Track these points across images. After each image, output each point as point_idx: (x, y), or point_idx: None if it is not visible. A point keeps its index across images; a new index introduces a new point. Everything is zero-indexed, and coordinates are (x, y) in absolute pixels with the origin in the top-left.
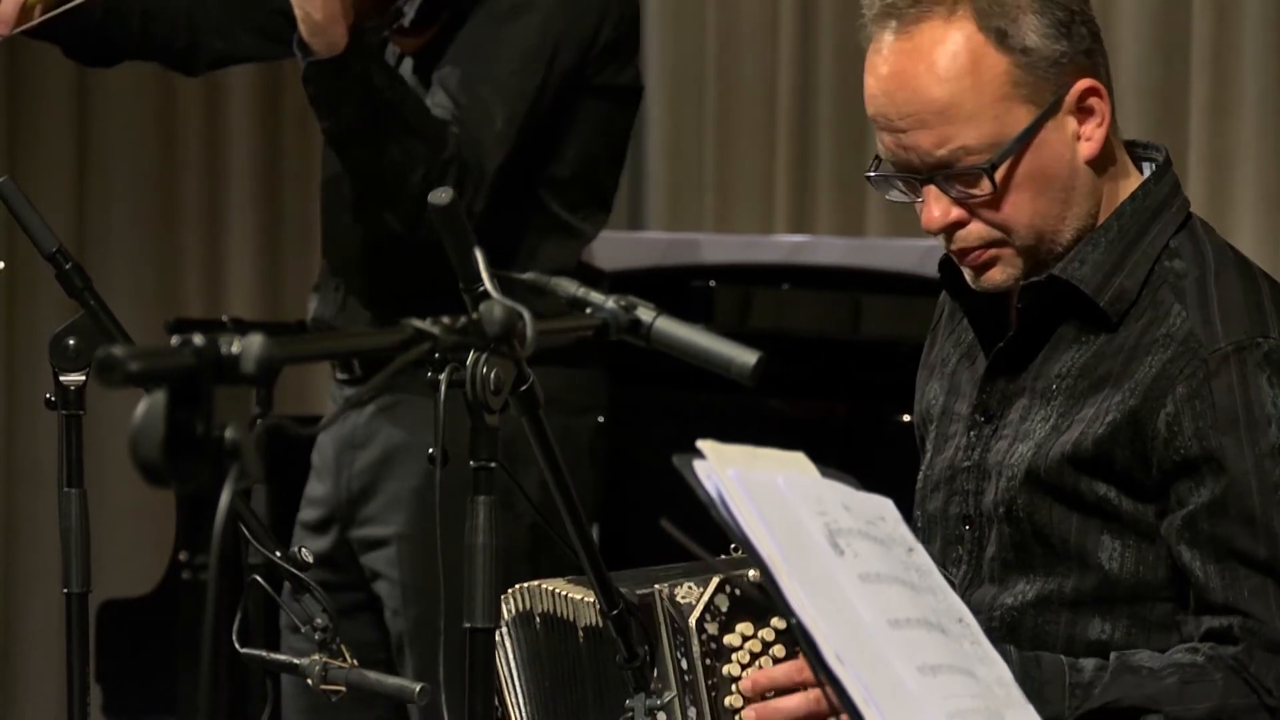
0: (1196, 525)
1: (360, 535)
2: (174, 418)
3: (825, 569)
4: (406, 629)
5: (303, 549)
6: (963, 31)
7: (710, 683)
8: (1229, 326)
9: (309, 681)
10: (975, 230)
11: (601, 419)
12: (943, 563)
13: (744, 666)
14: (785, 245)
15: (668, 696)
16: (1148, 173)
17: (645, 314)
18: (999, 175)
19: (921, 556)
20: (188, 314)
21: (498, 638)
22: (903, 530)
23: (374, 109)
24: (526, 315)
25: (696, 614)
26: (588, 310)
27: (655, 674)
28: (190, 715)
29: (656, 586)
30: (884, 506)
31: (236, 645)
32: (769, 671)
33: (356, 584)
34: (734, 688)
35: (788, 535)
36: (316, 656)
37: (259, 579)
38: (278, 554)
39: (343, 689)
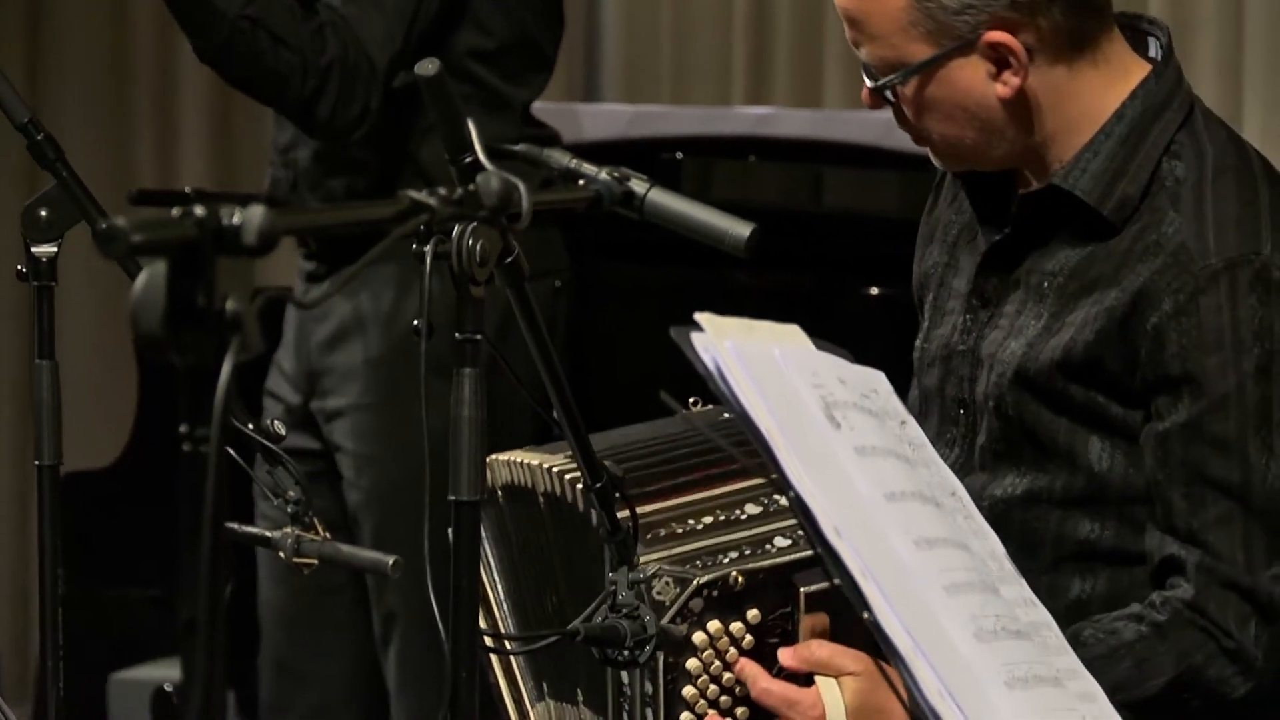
0: (1169, 445)
1: (321, 406)
2: (175, 289)
3: (822, 442)
4: (359, 500)
5: (275, 420)
6: None
7: (670, 677)
8: (1221, 241)
9: (280, 555)
10: (902, 122)
11: (559, 283)
12: (938, 441)
13: (706, 664)
14: (749, 117)
15: (651, 570)
16: (1153, 50)
17: (638, 186)
18: (902, 94)
19: (914, 429)
20: (140, 185)
21: None
22: (895, 403)
23: (233, 27)
24: (522, 187)
25: (668, 617)
26: (580, 182)
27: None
28: (184, 586)
29: (640, 558)
30: (876, 379)
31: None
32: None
33: (322, 454)
34: (694, 680)
35: (785, 408)
36: (289, 529)
37: (229, 450)
38: (250, 425)
39: (315, 562)
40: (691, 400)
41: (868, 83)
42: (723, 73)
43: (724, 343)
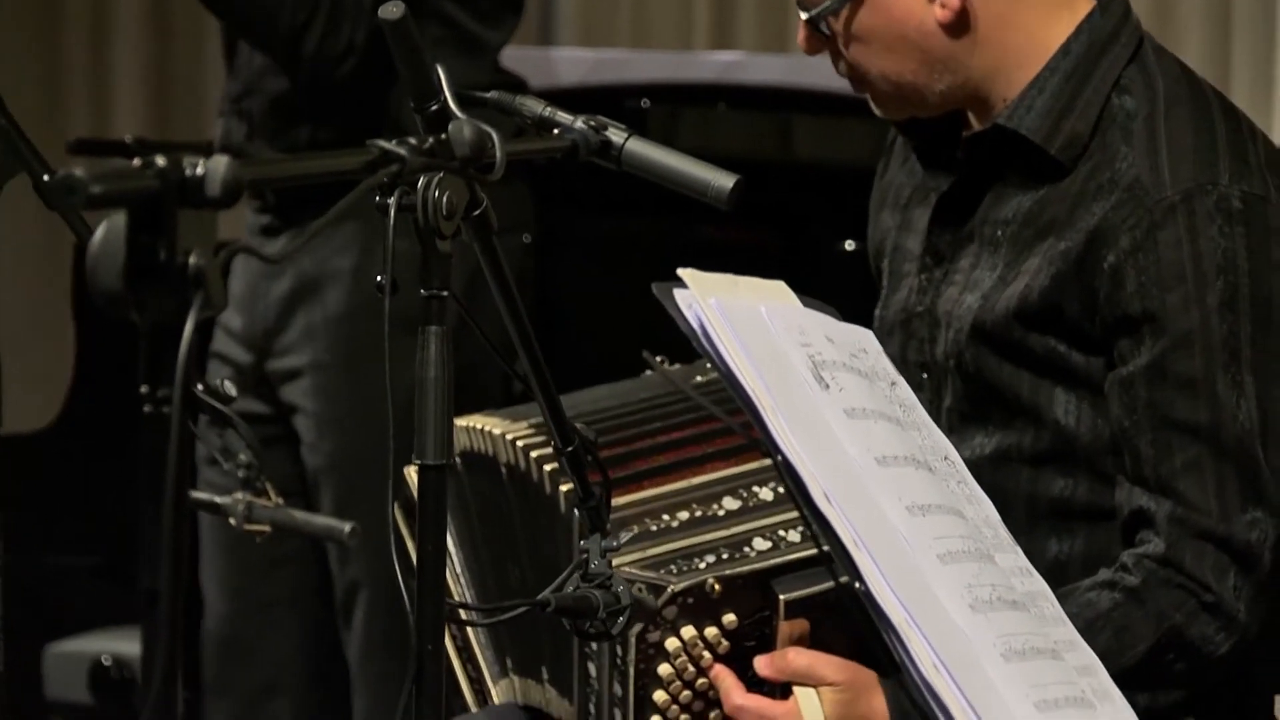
0: (1133, 389)
1: (278, 366)
2: (135, 243)
3: (810, 403)
4: (321, 463)
5: (225, 380)
6: None
7: (640, 684)
8: (1177, 173)
9: (231, 521)
10: (840, 66)
11: (528, 238)
12: None
13: (679, 671)
14: (718, 63)
15: (625, 536)
16: None
17: (616, 135)
18: (837, 27)
19: (904, 390)
20: (72, 134)
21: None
22: (884, 363)
23: None
24: (496, 136)
25: (640, 625)
26: (555, 131)
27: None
28: (145, 556)
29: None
30: (865, 338)
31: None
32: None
33: (275, 417)
34: (665, 686)
35: (772, 368)
36: (239, 495)
37: (183, 412)
38: (199, 386)
39: (267, 529)
40: (659, 359)
41: (802, 16)
42: (684, 15)
43: (708, 299)
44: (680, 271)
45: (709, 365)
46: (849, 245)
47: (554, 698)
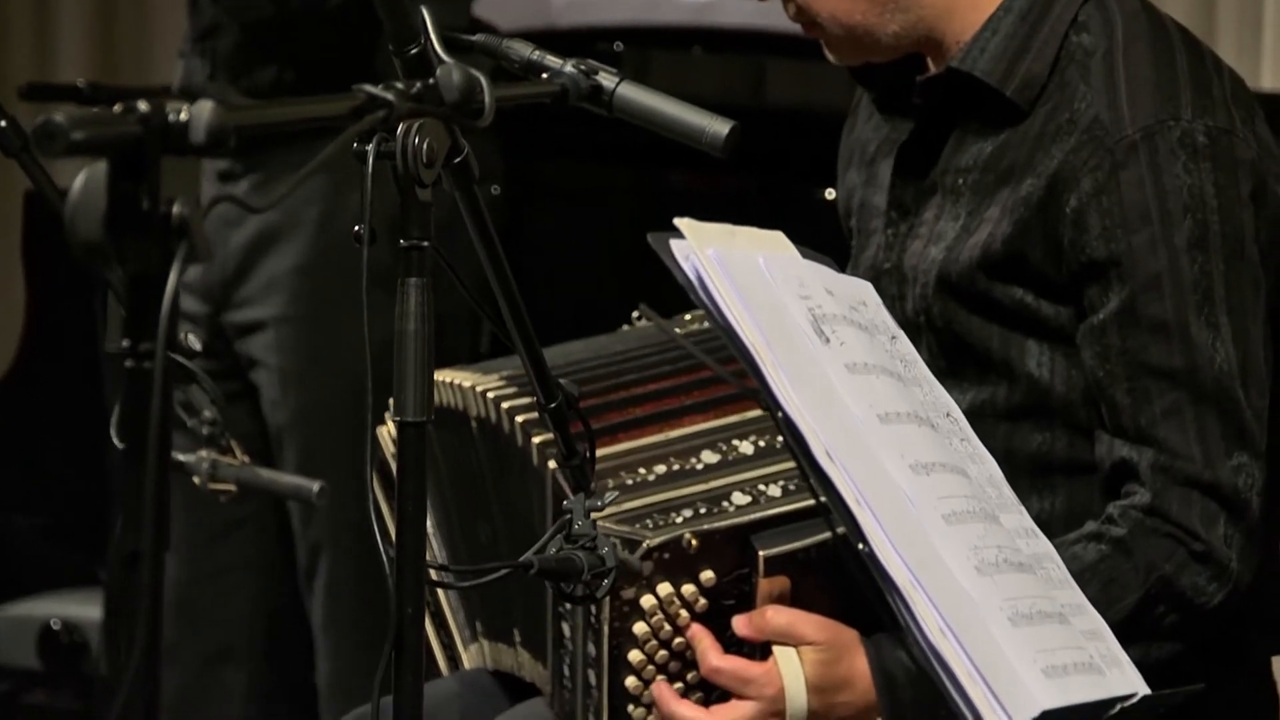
0: (1107, 336)
1: (237, 319)
2: (117, 191)
3: (811, 357)
4: (286, 420)
5: (189, 335)
6: None
7: (615, 643)
8: (1137, 110)
9: (195, 480)
10: (790, 9)
11: (497, 189)
12: None
13: (655, 630)
14: (691, 5)
15: (609, 496)
16: None
17: (607, 80)
18: None
19: (905, 345)
20: (17, 79)
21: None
22: (884, 316)
23: None
24: (484, 81)
25: (612, 584)
26: (544, 75)
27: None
28: (124, 516)
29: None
30: (864, 290)
31: (116, 441)
32: (675, 711)
33: (232, 372)
34: (641, 645)
35: (771, 321)
36: (204, 453)
37: (141, 367)
38: None
39: (233, 488)
40: (635, 314)
41: None
42: None
43: (706, 250)
44: (677, 221)
45: (701, 317)
46: (829, 194)
47: (526, 661)
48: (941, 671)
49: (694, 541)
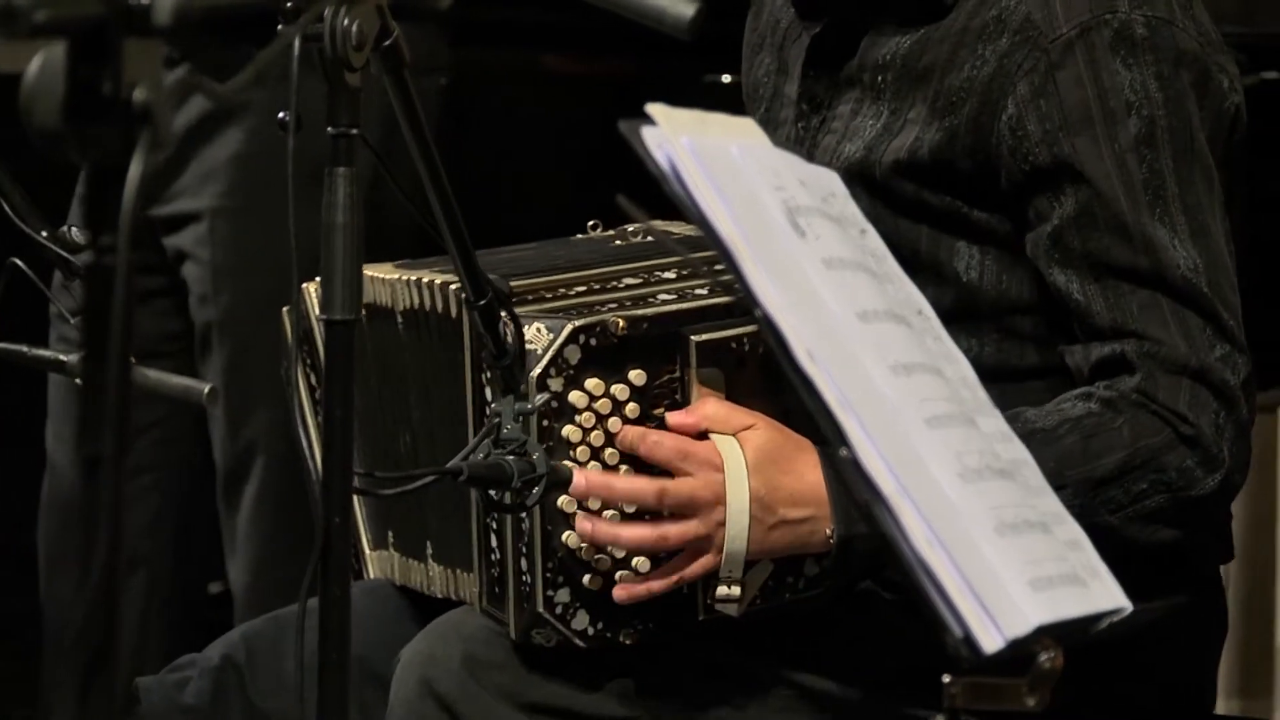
0: (1065, 243)
1: (167, 212)
2: (76, 76)
3: (788, 252)
4: (215, 317)
5: (73, 228)
6: None
7: (545, 446)
8: (1070, 5)
9: (77, 382)
10: None
11: (444, 80)
12: None
13: (585, 431)
14: None
15: (539, 399)
16: None
17: None
18: None
19: (874, 239)
20: None
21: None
22: (852, 209)
23: None
24: None
25: (540, 367)
26: None
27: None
28: (85, 424)
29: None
30: (832, 181)
31: None
32: (612, 483)
33: (158, 267)
34: (570, 453)
35: (748, 214)
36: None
37: (19, 262)
38: (44, 234)
39: None
40: (591, 224)
41: None
42: None
43: (680, 139)
44: (649, 108)
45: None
46: (725, 79)
47: (438, 575)
48: (929, 583)
49: (621, 323)
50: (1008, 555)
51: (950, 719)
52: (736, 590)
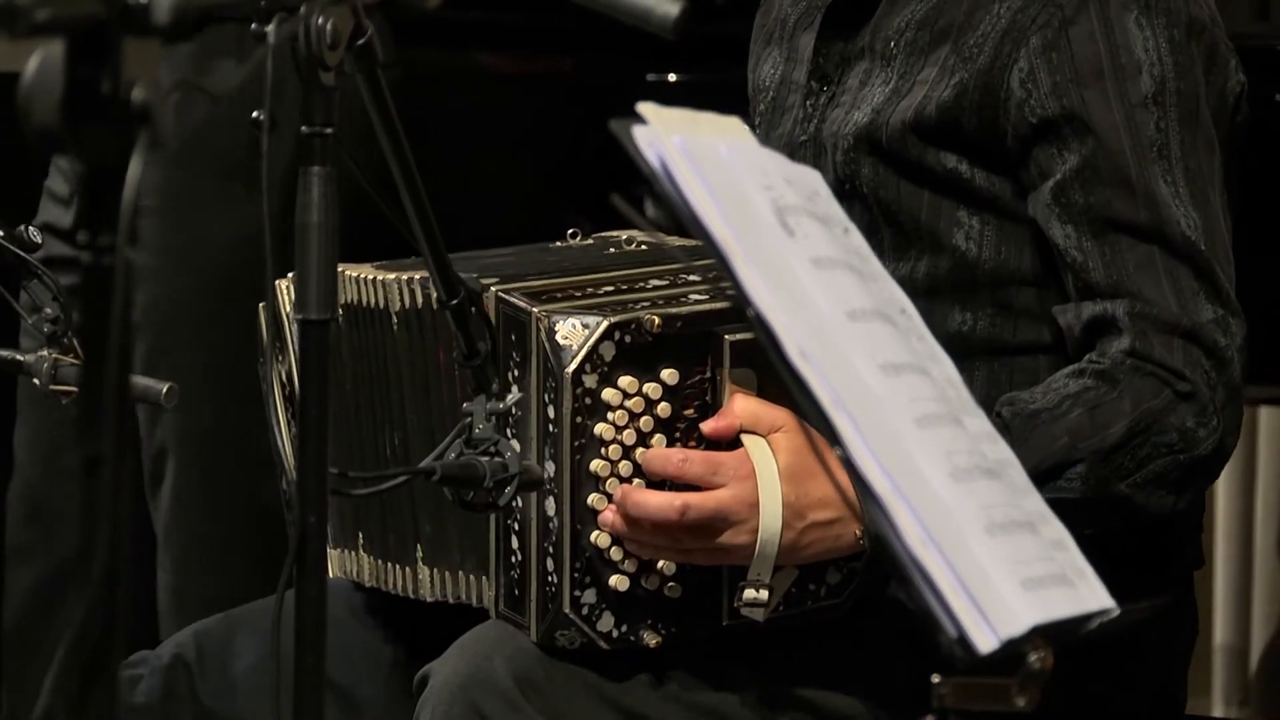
0: (1067, 195)
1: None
2: (75, 75)
3: (778, 252)
4: (134, 316)
5: (29, 227)
6: None
7: (576, 444)
8: None
9: (35, 381)
10: None
11: (395, 75)
12: None
13: (618, 429)
14: None
15: (511, 399)
16: None
17: None
18: None
19: (857, 238)
20: None
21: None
22: (835, 208)
23: None
24: None
25: (575, 363)
26: None
27: (511, 379)
28: (85, 420)
29: (536, 310)
30: (816, 180)
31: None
32: (643, 502)
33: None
34: (602, 451)
35: (738, 213)
36: (45, 352)
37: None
38: None
39: (75, 389)
40: (570, 232)
41: None
42: None
43: (671, 138)
44: (640, 107)
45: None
46: (671, 77)
47: (427, 578)
48: (924, 583)
49: (656, 321)
50: (999, 555)
51: (939, 719)
52: (764, 594)
